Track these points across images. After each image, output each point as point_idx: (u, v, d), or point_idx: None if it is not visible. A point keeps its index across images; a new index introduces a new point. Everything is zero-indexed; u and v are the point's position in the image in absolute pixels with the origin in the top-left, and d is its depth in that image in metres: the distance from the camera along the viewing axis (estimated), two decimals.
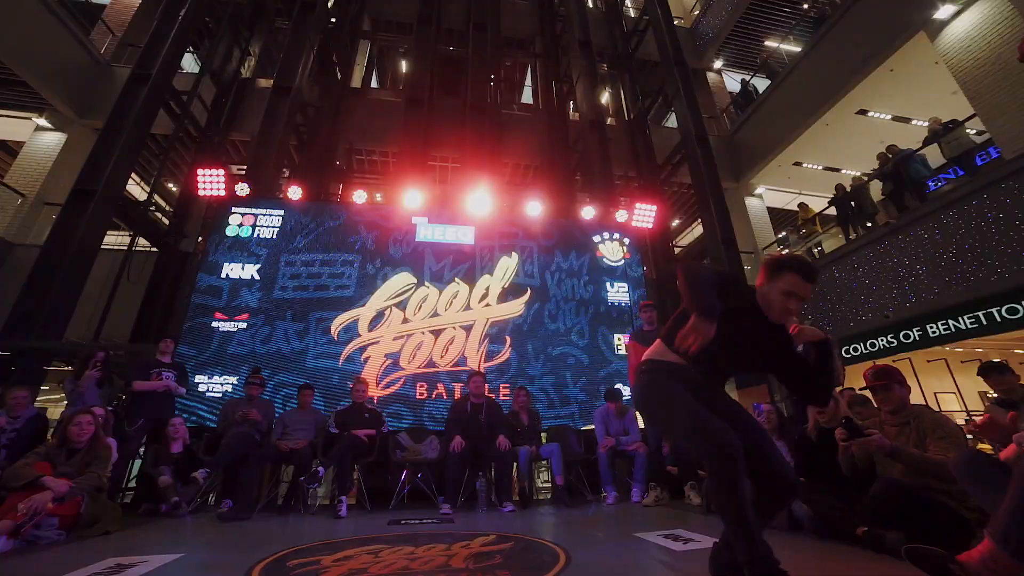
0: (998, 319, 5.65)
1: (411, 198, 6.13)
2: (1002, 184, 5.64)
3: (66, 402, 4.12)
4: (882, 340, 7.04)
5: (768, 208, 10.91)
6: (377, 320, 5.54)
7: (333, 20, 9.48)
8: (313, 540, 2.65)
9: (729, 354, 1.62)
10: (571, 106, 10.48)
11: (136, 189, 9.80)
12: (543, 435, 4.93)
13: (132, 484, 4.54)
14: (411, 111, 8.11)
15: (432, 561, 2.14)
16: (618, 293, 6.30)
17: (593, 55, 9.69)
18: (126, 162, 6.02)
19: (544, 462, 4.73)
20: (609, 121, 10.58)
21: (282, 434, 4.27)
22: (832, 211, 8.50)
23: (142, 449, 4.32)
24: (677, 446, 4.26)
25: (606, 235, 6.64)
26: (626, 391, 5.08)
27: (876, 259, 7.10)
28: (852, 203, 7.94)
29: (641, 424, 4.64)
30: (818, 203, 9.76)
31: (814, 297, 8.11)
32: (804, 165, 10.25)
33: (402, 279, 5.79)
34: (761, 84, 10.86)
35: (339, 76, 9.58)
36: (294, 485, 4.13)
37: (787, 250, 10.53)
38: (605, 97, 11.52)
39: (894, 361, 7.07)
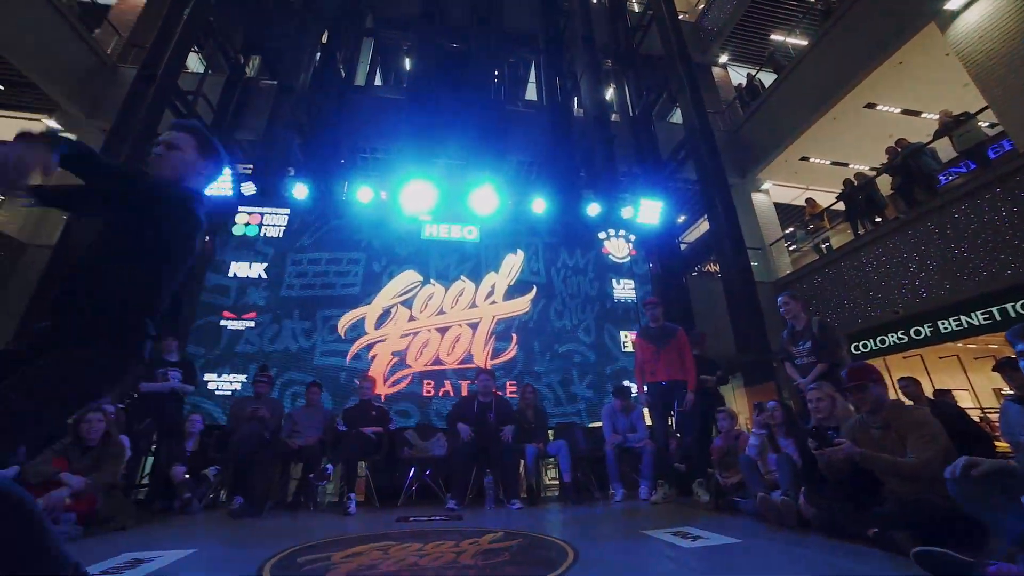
0: (1012, 315, 5.59)
1: (416, 196, 6.12)
2: (1016, 177, 5.56)
3: None
4: (892, 336, 6.99)
5: (775, 204, 10.82)
6: (383, 318, 5.56)
7: (336, 20, 9.47)
8: (323, 537, 2.67)
9: None
10: (575, 102, 10.42)
11: None
12: (550, 432, 4.94)
13: (145, 481, 4.59)
14: (415, 108, 8.10)
15: (441, 558, 2.15)
16: (624, 290, 6.28)
17: (596, 51, 9.63)
18: (134, 162, 6.05)
19: (551, 459, 4.74)
20: (613, 117, 10.51)
21: (291, 432, 4.30)
22: (840, 206, 8.42)
23: (153, 447, 4.37)
24: (685, 443, 4.25)
25: (612, 232, 6.62)
26: (634, 388, 5.06)
27: (885, 254, 7.04)
28: (860, 197, 7.87)
29: (648, 421, 4.64)
30: (826, 198, 9.66)
31: (822, 293, 8.06)
32: (811, 160, 10.14)
33: (408, 277, 5.80)
34: (767, 79, 10.76)
35: (343, 74, 9.57)
36: (303, 482, 4.16)
37: (794, 246, 10.46)
38: (609, 93, 11.44)
39: (904, 357, 7.02)
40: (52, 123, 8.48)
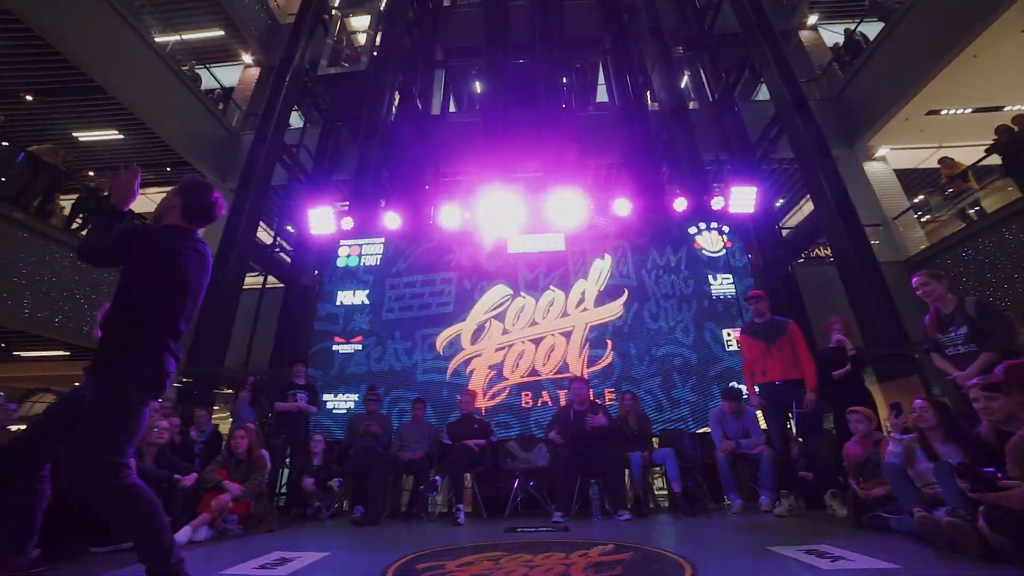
0: None
1: (499, 212, 6.27)
2: None
3: (231, 420, 4.94)
4: None
5: (896, 171, 9.37)
6: (478, 333, 5.74)
7: (410, 60, 10.23)
8: (436, 546, 2.79)
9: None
10: (649, 97, 10.05)
11: (264, 235, 11.36)
12: (655, 440, 4.71)
13: (283, 490, 5.21)
14: (490, 128, 8.39)
15: (552, 569, 2.13)
16: (722, 285, 5.84)
17: (666, 40, 9.22)
18: (255, 214, 7.04)
19: (658, 469, 4.50)
20: (691, 105, 9.95)
21: (400, 446, 4.59)
22: (994, 160, 7.00)
23: (287, 460, 4.97)
24: (810, 448, 3.79)
25: (702, 225, 6.21)
26: (744, 389, 4.65)
27: None
28: None
29: (763, 424, 4.22)
30: (969, 154, 8.11)
31: (976, 268, 6.78)
32: (943, 112, 8.55)
33: (498, 291, 5.95)
34: (871, 31, 9.44)
35: (420, 107, 10.24)
36: (415, 493, 4.41)
37: (928, 216, 8.95)
38: (684, 81, 10.87)
39: None
40: None
